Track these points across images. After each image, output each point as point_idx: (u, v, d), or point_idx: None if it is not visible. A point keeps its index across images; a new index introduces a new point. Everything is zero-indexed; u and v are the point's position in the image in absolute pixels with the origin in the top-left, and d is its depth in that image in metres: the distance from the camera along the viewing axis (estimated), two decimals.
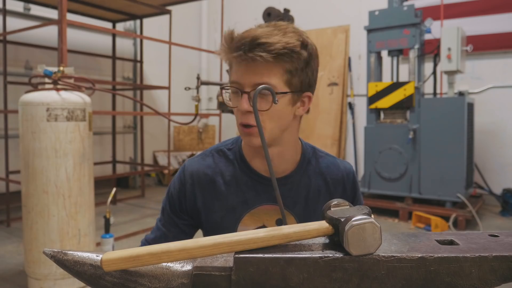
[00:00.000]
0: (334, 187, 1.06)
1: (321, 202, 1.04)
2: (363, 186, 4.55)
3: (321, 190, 1.05)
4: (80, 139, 2.45)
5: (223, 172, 1.03)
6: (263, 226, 1.01)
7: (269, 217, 1.01)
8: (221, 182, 1.02)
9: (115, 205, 4.83)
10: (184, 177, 1.04)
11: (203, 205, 1.02)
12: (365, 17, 4.61)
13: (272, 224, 1.01)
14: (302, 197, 1.03)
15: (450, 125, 3.99)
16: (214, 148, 1.08)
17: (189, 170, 1.04)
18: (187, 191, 1.03)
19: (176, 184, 1.06)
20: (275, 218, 1.01)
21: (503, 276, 0.55)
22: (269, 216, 1.01)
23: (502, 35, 4.61)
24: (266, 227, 0.96)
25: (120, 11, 4.80)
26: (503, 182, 4.58)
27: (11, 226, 3.89)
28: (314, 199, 1.04)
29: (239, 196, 1.01)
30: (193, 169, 1.04)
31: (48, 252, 0.58)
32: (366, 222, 0.54)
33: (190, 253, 0.55)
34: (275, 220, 1.01)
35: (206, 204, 1.02)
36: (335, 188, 1.06)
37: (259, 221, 1.01)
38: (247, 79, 0.88)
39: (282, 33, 0.89)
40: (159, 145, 6.28)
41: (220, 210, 1.01)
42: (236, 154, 1.04)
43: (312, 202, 1.04)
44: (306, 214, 1.03)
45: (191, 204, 1.04)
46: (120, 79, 5.68)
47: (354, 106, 5.56)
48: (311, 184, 1.04)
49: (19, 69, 4.62)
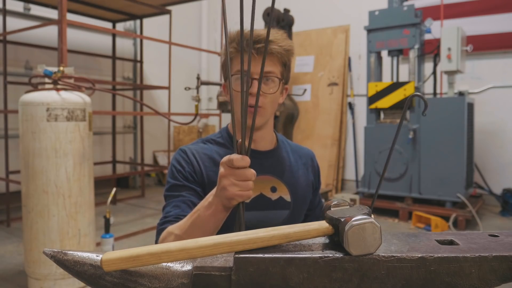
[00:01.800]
0: (306, 160, 1.30)
1: (300, 171, 1.25)
2: (363, 186, 4.55)
3: (298, 162, 1.27)
4: (80, 139, 2.45)
5: (218, 151, 1.17)
6: (260, 194, 1.15)
7: (265, 185, 1.16)
8: (218, 159, 1.14)
9: (115, 205, 4.83)
10: (187, 155, 1.15)
11: (208, 180, 1.13)
12: (365, 17, 4.61)
13: (267, 192, 1.16)
14: (286, 167, 1.22)
15: (450, 125, 3.99)
16: (201, 139, 1.23)
17: (190, 150, 1.17)
18: (195, 166, 1.14)
19: (182, 162, 1.14)
20: (269, 186, 1.17)
21: (503, 276, 0.55)
22: (265, 185, 1.16)
23: (502, 35, 4.61)
24: (263, 195, 1.15)
25: (120, 11, 4.80)
26: (503, 182, 4.58)
27: (11, 226, 3.89)
28: (296, 168, 1.25)
29: None
30: (192, 149, 1.17)
31: (48, 252, 0.58)
32: (366, 222, 0.54)
33: (190, 253, 0.55)
34: (270, 188, 1.17)
35: (209, 179, 1.13)
36: (307, 161, 1.30)
37: (257, 190, 1.14)
38: (257, 68, 1.07)
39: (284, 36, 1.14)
40: (159, 145, 6.28)
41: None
42: (225, 138, 1.20)
43: (295, 171, 1.23)
44: (293, 182, 1.21)
45: (200, 177, 1.13)
46: (120, 79, 5.68)
47: (354, 106, 5.56)
48: (290, 157, 1.25)
49: (19, 69, 4.62)
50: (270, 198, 1.16)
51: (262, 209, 1.15)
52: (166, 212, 1.09)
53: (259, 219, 1.13)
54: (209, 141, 1.21)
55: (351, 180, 5.58)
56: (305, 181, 1.25)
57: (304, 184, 1.24)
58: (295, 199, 1.19)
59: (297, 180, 1.22)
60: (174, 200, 1.10)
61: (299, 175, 1.24)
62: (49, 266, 2.36)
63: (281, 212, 1.14)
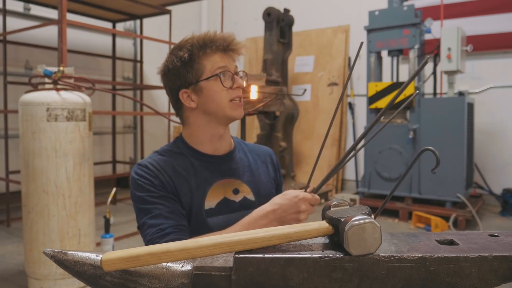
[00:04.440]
0: (265, 158, 1.31)
1: (260, 169, 1.27)
2: (363, 186, 4.55)
3: (257, 161, 1.28)
4: (80, 139, 2.45)
5: (178, 162, 1.15)
6: (224, 198, 1.16)
7: (227, 189, 1.17)
8: (179, 169, 1.13)
9: (115, 205, 4.83)
10: (149, 170, 1.11)
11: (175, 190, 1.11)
12: (365, 17, 4.61)
13: (230, 195, 1.17)
14: (246, 167, 1.23)
15: (450, 125, 3.99)
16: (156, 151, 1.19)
17: (150, 163, 1.12)
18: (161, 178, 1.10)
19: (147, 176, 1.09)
20: (231, 189, 1.18)
21: (503, 276, 0.55)
22: (227, 188, 1.17)
23: (502, 35, 4.60)
24: (227, 198, 1.16)
25: (120, 11, 4.80)
26: (503, 182, 4.58)
27: (11, 226, 3.89)
28: (255, 167, 1.26)
29: (198, 177, 1.14)
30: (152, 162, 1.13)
31: (48, 252, 0.58)
32: (366, 222, 0.54)
33: (190, 253, 0.55)
34: (232, 190, 1.17)
35: (177, 189, 1.12)
36: (265, 159, 1.31)
37: (220, 194, 1.15)
38: (233, 65, 1.16)
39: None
40: (159, 145, 6.17)
41: (189, 192, 1.12)
42: (181, 147, 1.19)
43: (254, 170, 1.25)
44: (254, 181, 1.22)
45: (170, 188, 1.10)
46: (120, 79, 5.68)
47: (354, 106, 5.56)
48: (248, 157, 1.26)
49: (19, 69, 4.62)
50: (234, 201, 1.16)
51: (228, 213, 1.14)
52: (157, 225, 1.03)
53: (227, 222, 1.11)
54: (166, 152, 1.17)
55: (351, 180, 5.58)
56: (266, 178, 1.27)
57: (266, 181, 1.26)
58: (258, 196, 1.20)
59: (258, 178, 1.24)
60: (157, 212, 1.05)
61: (260, 173, 1.25)
62: (49, 266, 2.36)
63: (247, 212, 1.10)
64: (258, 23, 5.25)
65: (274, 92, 3.61)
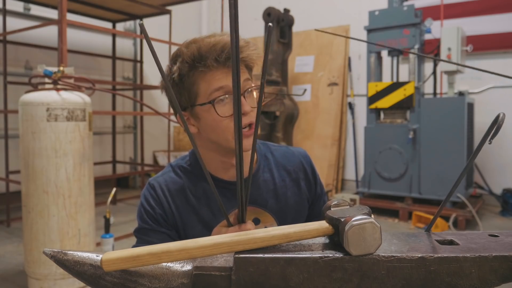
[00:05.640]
0: (296, 174, 1.10)
1: (289, 192, 1.08)
2: (363, 186, 4.55)
3: (285, 180, 1.08)
4: (80, 139, 2.45)
5: (190, 186, 1.03)
6: None
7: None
8: (190, 196, 1.02)
9: (115, 205, 4.83)
10: (156, 194, 1.03)
11: (181, 221, 1.02)
12: (365, 17, 4.61)
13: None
14: (270, 192, 1.06)
15: (450, 125, 3.99)
16: (174, 164, 1.08)
17: (159, 185, 1.04)
18: (165, 206, 1.01)
19: (151, 201, 1.02)
20: (251, 218, 1.02)
21: (503, 276, 0.55)
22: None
23: (502, 35, 4.60)
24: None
25: (120, 11, 4.80)
26: (503, 182, 4.58)
27: (11, 226, 3.89)
28: (282, 190, 1.07)
29: (211, 207, 1.02)
30: (162, 184, 1.04)
31: (48, 252, 0.58)
32: (366, 222, 0.54)
33: (190, 253, 0.55)
34: (252, 220, 1.03)
35: (183, 220, 1.02)
36: (297, 175, 1.10)
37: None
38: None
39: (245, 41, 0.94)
40: (159, 145, 6.28)
41: (198, 224, 1.02)
42: (193, 166, 1.06)
43: (281, 194, 1.07)
44: (280, 208, 1.06)
45: (172, 219, 1.02)
46: (120, 79, 5.68)
47: (354, 106, 5.56)
48: (275, 177, 1.08)
49: (19, 69, 4.62)
50: None
51: None
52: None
53: None
54: (179, 168, 1.06)
55: (351, 180, 5.58)
56: (297, 201, 1.09)
57: (295, 205, 1.09)
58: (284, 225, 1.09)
59: (285, 204, 1.07)
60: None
61: (287, 196, 1.07)
62: (49, 266, 2.36)
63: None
64: (258, 23, 5.25)
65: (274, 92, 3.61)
